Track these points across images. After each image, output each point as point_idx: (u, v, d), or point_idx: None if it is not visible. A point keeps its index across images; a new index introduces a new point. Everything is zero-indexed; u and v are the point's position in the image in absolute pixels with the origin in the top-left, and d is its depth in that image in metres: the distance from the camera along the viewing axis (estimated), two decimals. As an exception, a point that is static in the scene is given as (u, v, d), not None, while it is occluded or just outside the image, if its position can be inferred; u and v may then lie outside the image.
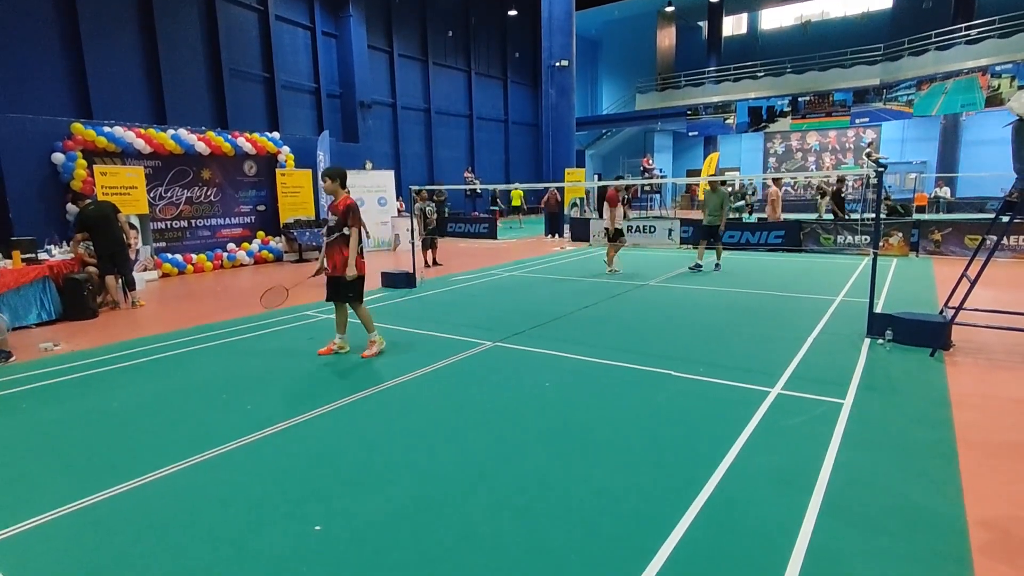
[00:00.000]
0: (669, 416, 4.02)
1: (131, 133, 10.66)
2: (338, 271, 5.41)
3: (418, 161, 26.24)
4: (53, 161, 9.76)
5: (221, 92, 17.46)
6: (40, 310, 7.28)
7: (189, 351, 5.92)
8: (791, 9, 33.63)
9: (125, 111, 14.72)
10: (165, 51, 15.95)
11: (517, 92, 31.74)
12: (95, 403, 4.50)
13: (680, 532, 2.65)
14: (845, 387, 4.45)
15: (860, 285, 8.51)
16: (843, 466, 3.22)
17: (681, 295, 8.37)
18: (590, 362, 5.24)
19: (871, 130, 28.24)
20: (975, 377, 4.71)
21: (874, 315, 5.78)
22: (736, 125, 29.57)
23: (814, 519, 2.73)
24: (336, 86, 21.98)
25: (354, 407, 4.30)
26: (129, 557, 2.57)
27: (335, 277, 5.49)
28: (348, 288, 5.43)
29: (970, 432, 3.64)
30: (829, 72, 27.28)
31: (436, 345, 5.92)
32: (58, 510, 2.96)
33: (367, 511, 2.89)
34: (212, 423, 4.06)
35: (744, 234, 13.41)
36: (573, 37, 19.63)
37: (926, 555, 2.48)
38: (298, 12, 20.41)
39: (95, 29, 14.54)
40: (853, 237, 12.39)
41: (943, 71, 23.37)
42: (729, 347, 5.67)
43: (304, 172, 13.83)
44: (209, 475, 3.31)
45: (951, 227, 11.76)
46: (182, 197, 11.80)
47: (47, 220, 9.69)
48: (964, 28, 23.46)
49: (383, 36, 24.01)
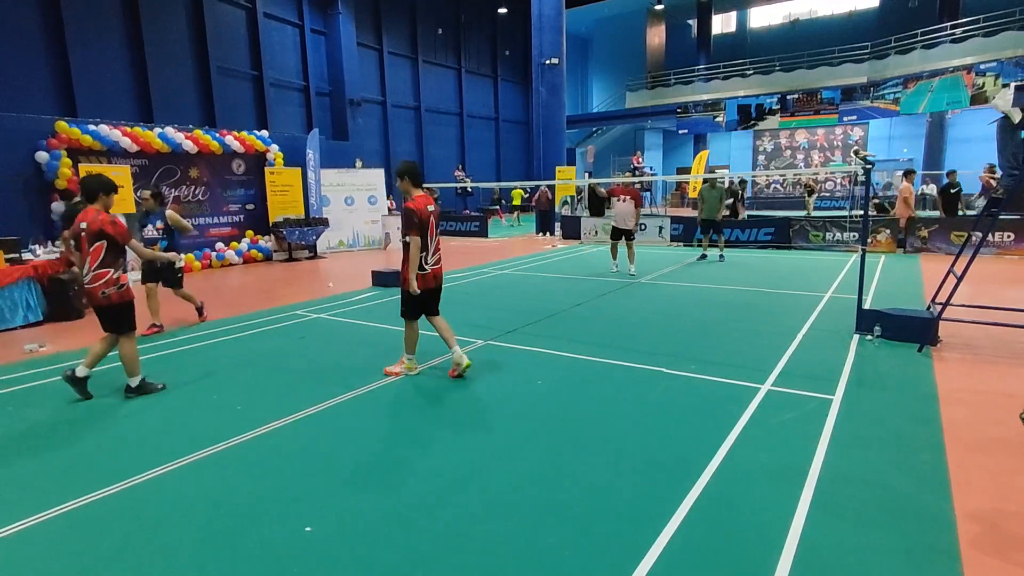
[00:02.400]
0: (660, 413, 4.03)
1: (117, 131, 10.53)
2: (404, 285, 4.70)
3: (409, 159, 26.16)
4: (37, 160, 9.61)
5: (209, 90, 17.29)
6: (26, 311, 7.17)
7: (178, 351, 5.86)
8: (780, 8, 33.86)
9: (111, 109, 14.54)
10: (151, 48, 15.76)
11: (508, 90, 31.71)
12: (82, 404, 4.44)
13: (672, 528, 2.66)
14: (835, 383, 4.48)
15: (849, 281, 8.58)
16: (833, 461, 3.25)
17: (672, 292, 8.40)
18: (582, 360, 5.24)
19: (859, 128, 28.50)
20: (962, 372, 4.76)
21: (863, 311, 5.83)
22: (726, 123, 29.73)
23: (805, 514, 2.75)
24: (325, 84, 21.84)
25: (345, 407, 4.27)
26: (119, 559, 2.54)
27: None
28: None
29: (958, 427, 3.69)
30: (817, 70, 27.48)
31: (428, 344, 5.89)
32: (47, 512, 2.92)
33: (359, 511, 2.88)
34: (202, 424, 4.02)
35: (734, 231, 13.48)
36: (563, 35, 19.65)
37: (916, 549, 2.50)
38: (286, 9, 20.25)
39: (80, 26, 14.34)
40: (842, 234, 12.49)
41: (929, 69, 23.61)
42: (720, 344, 5.69)
43: (293, 171, 13.72)
44: (199, 476, 3.28)
45: (937, 223, 11.89)
46: (169, 196, 11.67)
47: (31, 219, 9.55)
48: (949, 27, 23.71)
49: (372, 33, 23.89)
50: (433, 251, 4.71)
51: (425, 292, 4.69)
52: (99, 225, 4.38)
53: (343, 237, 14.94)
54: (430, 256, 4.69)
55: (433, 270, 4.74)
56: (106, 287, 4.41)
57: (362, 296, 8.59)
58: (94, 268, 4.39)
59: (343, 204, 14.89)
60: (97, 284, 4.39)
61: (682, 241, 14.19)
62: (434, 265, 4.74)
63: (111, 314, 4.50)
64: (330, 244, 14.58)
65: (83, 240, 4.42)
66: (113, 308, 4.48)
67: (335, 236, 14.66)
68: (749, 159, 32.22)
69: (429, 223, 4.64)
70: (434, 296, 4.83)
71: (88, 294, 4.47)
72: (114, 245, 4.43)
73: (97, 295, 4.41)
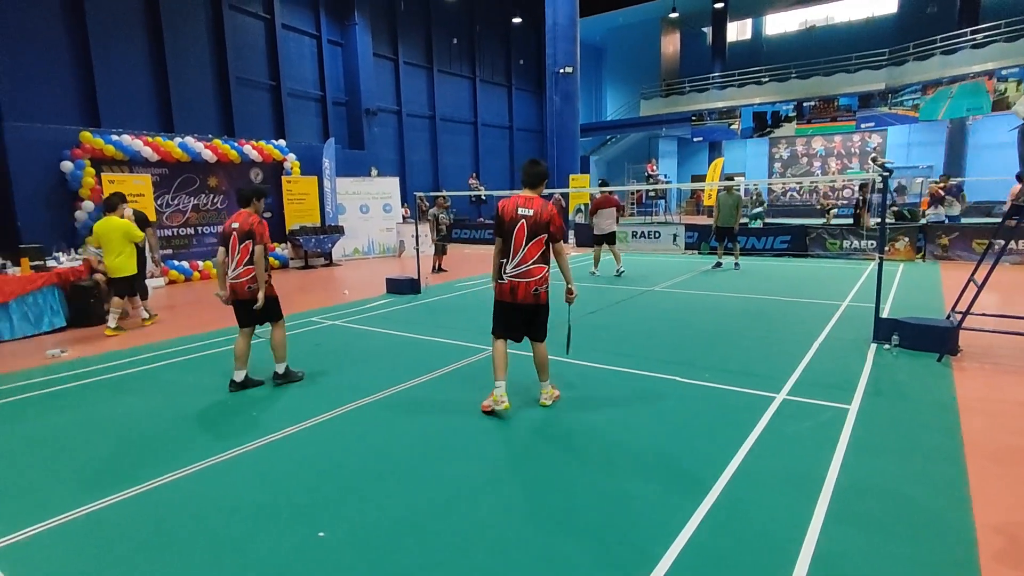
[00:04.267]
0: (674, 421, 4.01)
1: (138, 141, 10.76)
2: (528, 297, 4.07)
3: (423, 168, 26.34)
4: (62, 169, 9.86)
5: (228, 100, 17.60)
6: (51, 317, 7.34)
7: (196, 357, 5.95)
8: (795, 15, 33.67)
9: (133, 119, 14.85)
10: (173, 60, 16.10)
11: (522, 99, 31.85)
12: (101, 409, 4.53)
13: (685, 537, 2.63)
14: (851, 392, 4.42)
15: (866, 290, 8.47)
16: (849, 471, 3.20)
17: (686, 300, 8.35)
18: (594, 367, 5.22)
19: (876, 135, 28.17)
20: (983, 382, 4.67)
21: (880, 320, 5.75)
22: (741, 130, 29.54)
23: (820, 524, 2.71)
24: (342, 94, 22.11)
25: (360, 413, 4.30)
26: (133, 562, 2.58)
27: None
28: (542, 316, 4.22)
29: (978, 437, 3.61)
30: (834, 77, 27.24)
31: (441, 351, 5.92)
32: (63, 516, 2.97)
33: (372, 517, 2.89)
34: (217, 429, 4.08)
35: (750, 239, 13.38)
36: (577, 44, 19.70)
37: (934, 561, 2.45)
38: (304, 21, 20.58)
39: (104, 39, 14.70)
40: (859, 242, 12.34)
41: (949, 75, 23.30)
42: (734, 352, 5.65)
43: (310, 179, 13.91)
44: (214, 481, 3.32)
45: (958, 231, 11.70)
46: (189, 204, 11.89)
47: (55, 228, 9.77)
48: (970, 32, 23.41)
49: (388, 44, 24.17)
50: (512, 258, 4.02)
51: (502, 304, 4.14)
52: (249, 226, 4.76)
53: (358, 245, 15.08)
54: (509, 264, 4.03)
55: (510, 281, 4.04)
56: (253, 283, 4.77)
57: (376, 303, 8.65)
58: (243, 265, 4.76)
59: (358, 212, 15.04)
60: (245, 280, 4.77)
61: (696, 249, 14.10)
62: (513, 276, 4.02)
63: (262, 306, 4.81)
64: (345, 252, 14.72)
65: (233, 240, 4.77)
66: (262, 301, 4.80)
67: (350, 244, 14.80)
68: (765, 166, 31.97)
69: (515, 227, 3.97)
70: (518, 315, 4.11)
71: (235, 289, 4.81)
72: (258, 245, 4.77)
73: (244, 290, 4.78)
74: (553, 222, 3.99)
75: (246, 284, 4.76)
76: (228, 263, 4.82)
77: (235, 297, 4.84)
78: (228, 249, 4.81)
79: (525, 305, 4.07)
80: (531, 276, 4.01)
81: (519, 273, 4.03)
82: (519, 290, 4.04)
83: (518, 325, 4.17)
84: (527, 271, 4.01)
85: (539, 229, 3.98)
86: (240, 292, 4.79)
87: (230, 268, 4.80)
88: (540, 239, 3.99)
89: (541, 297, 4.07)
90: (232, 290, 4.81)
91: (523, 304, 4.07)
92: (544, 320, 4.19)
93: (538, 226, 3.97)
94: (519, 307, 4.09)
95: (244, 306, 4.85)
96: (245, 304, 4.83)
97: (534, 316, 4.14)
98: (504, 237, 4.05)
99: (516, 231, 3.99)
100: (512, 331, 4.19)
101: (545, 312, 4.17)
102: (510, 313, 4.14)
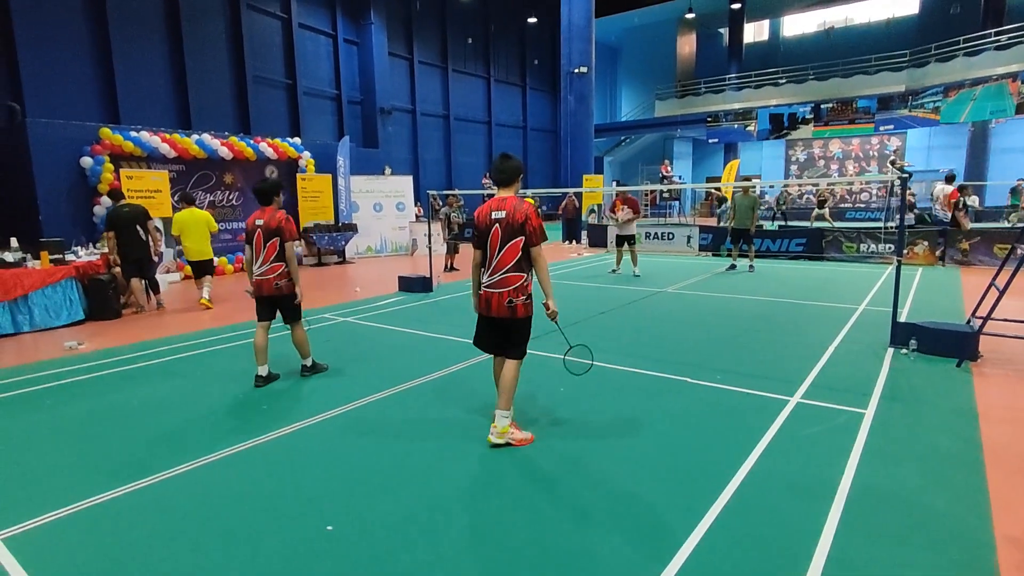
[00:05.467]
0: (685, 423, 3.97)
1: (156, 138, 10.89)
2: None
3: (437, 167, 26.44)
4: (82, 165, 10.01)
5: (245, 98, 17.79)
6: (69, 310, 7.45)
7: (210, 351, 6.00)
8: (814, 16, 33.30)
9: (151, 116, 15.08)
10: (191, 58, 16.31)
11: (536, 98, 31.84)
12: (116, 400, 4.58)
13: (695, 540, 2.60)
14: (867, 397, 4.35)
15: (884, 294, 8.34)
16: (864, 477, 3.14)
17: (699, 302, 8.27)
18: (605, 368, 5.19)
19: (896, 137, 27.77)
20: (1004, 389, 4.57)
21: (898, 324, 5.64)
22: (757, 132, 29.29)
23: (833, 530, 2.66)
24: (357, 92, 22.25)
25: (370, 408, 4.31)
26: (146, 551, 2.60)
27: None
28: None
29: (998, 445, 3.53)
30: (853, 79, 26.91)
31: (452, 349, 5.92)
32: (77, 504, 3.01)
33: (379, 511, 2.89)
34: (230, 422, 4.11)
35: (765, 241, 13.24)
36: (592, 44, 19.61)
37: (951, 572, 2.40)
38: (320, 20, 20.75)
39: (124, 38, 14.93)
40: (877, 245, 12.16)
41: (971, 77, 22.90)
42: (747, 355, 5.58)
43: (324, 177, 13.99)
44: (225, 473, 3.34)
45: (979, 236, 11.48)
46: (205, 201, 12.01)
47: (75, 222, 9.94)
48: (994, 33, 22.99)
49: (404, 43, 24.28)
50: (488, 266, 3.61)
51: (480, 318, 3.76)
52: (276, 223, 4.79)
53: (371, 243, 15.15)
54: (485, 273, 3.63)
55: (485, 292, 3.62)
56: (279, 279, 4.81)
57: (388, 301, 8.68)
58: (270, 261, 4.79)
59: (372, 210, 15.11)
60: (272, 276, 4.80)
61: (711, 251, 13.99)
62: (488, 286, 3.60)
63: (284, 304, 4.91)
64: (358, 249, 14.80)
65: (258, 236, 4.80)
66: (285, 298, 4.89)
67: (363, 242, 14.87)
68: (781, 168, 31.65)
69: (489, 232, 3.56)
70: (493, 329, 3.69)
71: (261, 285, 4.84)
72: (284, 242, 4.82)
73: (271, 286, 4.81)
74: (529, 222, 3.45)
75: (273, 281, 4.79)
76: (254, 260, 4.86)
77: (259, 293, 4.87)
78: (253, 246, 4.85)
79: (500, 319, 3.59)
80: (506, 285, 3.51)
81: (493, 283, 3.56)
82: (492, 302, 3.56)
83: (495, 340, 3.71)
84: (502, 279, 3.52)
85: (513, 232, 3.46)
86: (266, 288, 4.82)
87: (256, 264, 4.84)
88: (515, 243, 3.47)
89: (518, 310, 3.52)
90: (258, 285, 4.85)
91: (498, 318, 3.59)
92: (522, 336, 3.62)
93: (512, 228, 3.46)
94: (493, 321, 3.64)
95: (267, 301, 4.89)
96: (269, 300, 4.87)
97: (508, 332, 3.62)
98: (482, 247, 3.62)
99: (491, 236, 3.54)
100: (489, 347, 3.77)
101: (522, 327, 3.61)
102: (484, 327, 3.74)
